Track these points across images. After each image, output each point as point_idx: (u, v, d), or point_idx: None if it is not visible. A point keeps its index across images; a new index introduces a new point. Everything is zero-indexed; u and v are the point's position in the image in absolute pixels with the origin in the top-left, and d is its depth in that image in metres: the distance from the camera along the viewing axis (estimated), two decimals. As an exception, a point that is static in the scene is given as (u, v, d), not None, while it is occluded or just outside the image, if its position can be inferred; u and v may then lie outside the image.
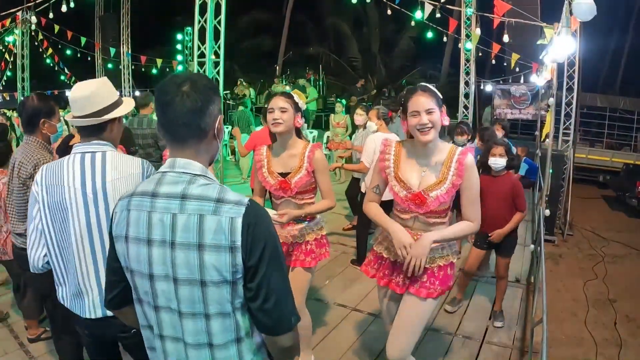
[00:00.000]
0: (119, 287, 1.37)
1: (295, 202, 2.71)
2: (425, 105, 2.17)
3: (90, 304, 1.85)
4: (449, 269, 2.35)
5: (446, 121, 2.24)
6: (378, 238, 2.53)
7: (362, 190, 5.01)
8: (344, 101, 11.09)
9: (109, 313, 1.78)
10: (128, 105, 1.97)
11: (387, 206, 2.42)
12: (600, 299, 5.48)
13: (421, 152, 2.28)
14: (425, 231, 2.27)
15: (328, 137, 10.55)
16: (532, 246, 4.68)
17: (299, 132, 2.74)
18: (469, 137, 5.17)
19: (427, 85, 2.27)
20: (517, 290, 4.63)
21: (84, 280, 1.84)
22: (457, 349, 3.55)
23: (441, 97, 2.25)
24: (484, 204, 3.61)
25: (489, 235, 3.86)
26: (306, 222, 2.78)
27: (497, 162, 3.82)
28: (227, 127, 11.48)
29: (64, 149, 2.76)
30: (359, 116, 5.78)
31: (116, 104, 1.91)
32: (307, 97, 13.10)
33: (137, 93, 13.64)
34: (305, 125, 10.71)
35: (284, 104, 2.60)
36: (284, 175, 2.66)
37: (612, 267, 6.51)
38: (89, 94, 1.84)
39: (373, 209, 2.43)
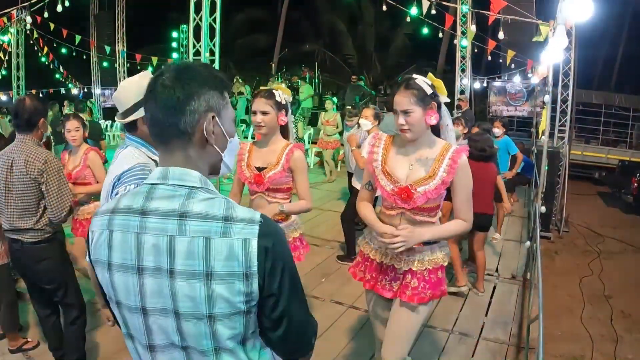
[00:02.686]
0: None
1: (267, 200, 2.69)
2: (403, 106, 2.06)
3: None
4: (440, 272, 2.28)
5: (433, 120, 2.07)
6: (365, 238, 2.44)
7: (353, 184, 5.01)
8: (334, 99, 10.89)
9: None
10: None
11: None
12: (596, 295, 5.51)
13: (411, 146, 2.18)
14: None
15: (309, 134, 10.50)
16: (528, 243, 4.71)
17: (284, 130, 2.71)
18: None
19: (414, 78, 2.10)
20: (513, 286, 4.65)
21: None
22: (453, 346, 3.56)
23: (430, 91, 2.07)
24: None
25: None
26: (279, 223, 2.68)
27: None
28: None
29: None
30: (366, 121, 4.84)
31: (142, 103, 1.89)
32: (301, 94, 13.05)
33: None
34: (300, 123, 10.62)
35: (265, 106, 2.57)
36: (260, 169, 2.66)
37: (608, 264, 6.55)
38: (116, 94, 1.89)
39: (362, 209, 2.35)
